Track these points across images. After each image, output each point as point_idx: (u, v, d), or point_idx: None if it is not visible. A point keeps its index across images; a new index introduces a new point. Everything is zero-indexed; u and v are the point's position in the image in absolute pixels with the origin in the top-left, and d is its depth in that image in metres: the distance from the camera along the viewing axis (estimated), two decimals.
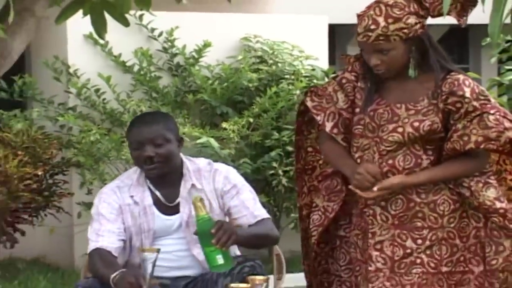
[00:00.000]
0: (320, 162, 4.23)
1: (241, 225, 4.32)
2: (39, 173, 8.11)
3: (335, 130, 4.01)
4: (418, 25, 3.86)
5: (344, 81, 4.05)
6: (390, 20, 3.81)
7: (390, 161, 3.89)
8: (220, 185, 4.36)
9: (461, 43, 15.32)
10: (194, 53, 9.11)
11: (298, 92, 8.67)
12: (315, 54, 9.42)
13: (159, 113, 4.92)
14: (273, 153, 8.60)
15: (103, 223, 4.25)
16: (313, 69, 9.25)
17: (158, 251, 3.96)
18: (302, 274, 4.37)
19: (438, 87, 3.88)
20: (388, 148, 3.89)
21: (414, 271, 3.89)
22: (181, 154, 4.39)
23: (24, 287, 8.04)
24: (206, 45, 9.08)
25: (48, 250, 9.09)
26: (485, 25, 3.47)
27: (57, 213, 8.39)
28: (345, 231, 4.15)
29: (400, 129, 3.88)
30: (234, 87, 8.91)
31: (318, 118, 4.03)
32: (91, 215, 4.36)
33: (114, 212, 4.29)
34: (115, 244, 4.20)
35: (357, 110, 4.00)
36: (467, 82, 3.86)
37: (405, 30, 3.83)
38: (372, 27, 3.82)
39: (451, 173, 3.90)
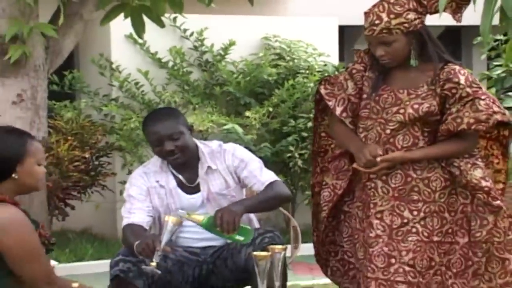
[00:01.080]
0: (332, 146, 4.23)
1: (256, 191, 4.34)
2: (86, 155, 8.14)
3: (344, 114, 4.03)
4: (417, 20, 3.87)
5: (354, 71, 4.07)
6: (392, 16, 3.83)
7: (392, 140, 3.90)
8: (230, 162, 4.36)
9: (455, 42, 15.22)
10: (221, 51, 9.10)
11: (312, 84, 8.65)
12: (327, 52, 9.38)
13: (167, 110, 4.84)
14: (290, 138, 8.58)
15: (134, 202, 4.27)
16: (325, 65, 9.23)
17: (179, 223, 3.95)
18: None
19: (436, 75, 3.88)
20: (392, 127, 3.90)
21: (410, 238, 3.89)
22: (195, 139, 4.39)
23: (74, 254, 8.09)
24: (231, 43, 9.07)
25: (94, 222, 9.13)
26: (476, 26, 3.49)
27: (102, 191, 8.42)
28: (349, 206, 4.17)
29: (402, 111, 3.89)
30: (255, 80, 8.91)
31: (330, 103, 4.05)
32: (124, 197, 4.39)
33: (142, 193, 4.30)
34: (145, 219, 4.21)
35: (364, 96, 4.01)
36: (462, 72, 3.87)
37: (406, 25, 3.85)
38: (377, 22, 3.84)
39: (444, 152, 3.91)
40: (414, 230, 3.90)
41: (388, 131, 3.91)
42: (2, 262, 3.34)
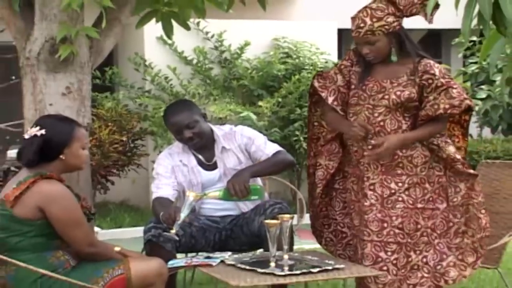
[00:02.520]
0: (324, 133, 4.27)
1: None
2: (124, 139, 8.19)
3: (335, 103, 4.08)
4: (396, 23, 3.92)
5: (342, 66, 4.12)
6: (374, 19, 3.87)
7: (382, 123, 3.94)
8: (239, 141, 4.37)
9: (436, 43, 15.19)
10: (237, 50, 9.11)
11: None
12: (328, 51, 9.38)
13: (182, 102, 4.75)
14: (296, 124, 8.60)
15: (161, 179, 4.28)
16: (326, 62, 9.22)
17: (198, 198, 3.96)
18: None
19: (415, 67, 3.93)
20: (379, 112, 3.93)
21: (397, 206, 3.94)
22: (210, 124, 4.39)
23: (114, 222, 8.14)
24: (246, 44, 9.08)
25: (130, 195, 9.18)
26: (454, 30, 3.49)
27: (137, 168, 8.47)
28: (339, 184, 4.21)
29: (386, 97, 3.93)
30: (267, 75, 8.91)
31: (323, 94, 4.10)
32: (153, 175, 4.39)
33: (168, 171, 4.31)
34: (170, 193, 4.22)
35: (353, 87, 4.06)
36: (436, 65, 3.95)
37: (386, 27, 3.89)
38: (362, 25, 3.89)
39: (428, 133, 3.96)
40: (400, 199, 3.95)
41: (376, 115, 3.94)
42: (51, 228, 3.36)
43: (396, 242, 3.92)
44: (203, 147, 4.34)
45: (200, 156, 4.36)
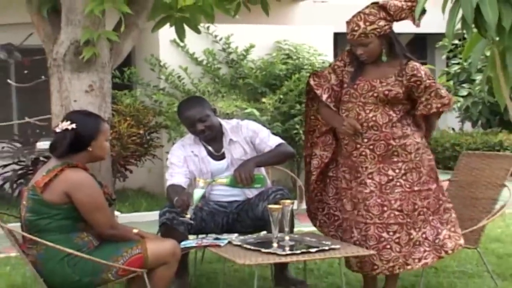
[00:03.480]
0: (319, 126, 4.27)
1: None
2: (141, 132, 8.14)
3: (329, 100, 4.08)
4: (387, 26, 3.92)
5: (336, 67, 4.12)
6: (367, 23, 3.88)
7: (374, 118, 3.94)
8: (245, 134, 4.36)
9: (422, 45, 15.17)
10: (243, 52, 9.05)
11: None
12: (325, 52, 9.31)
13: (195, 98, 4.71)
14: (296, 119, 8.55)
15: (174, 168, 4.27)
16: (323, 62, 9.15)
17: (207, 184, 3.95)
18: None
19: (402, 69, 3.93)
20: (370, 108, 3.94)
21: (396, 191, 3.94)
22: (218, 118, 4.38)
23: (132, 207, 8.11)
24: (251, 46, 9.02)
25: (147, 183, 9.16)
26: (439, 34, 3.48)
27: (153, 159, 8.43)
28: (332, 172, 4.22)
29: (375, 94, 3.94)
30: (270, 74, 8.86)
31: (318, 92, 4.10)
32: (167, 164, 4.38)
33: (181, 160, 4.31)
34: (183, 181, 4.21)
35: (345, 85, 4.06)
36: (421, 68, 3.96)
37: (378, 30, 3.89)
38: (356, 28, 3.89)
39: (431, 129, 4.11)
40: (398, 183, 3.95)
41: (368, 111, 3.94)
42: (76, 212, 3.37)
43: (397, 223, 3.93)
44: (213, 139, 4.33)
45: (209, 147, 4.36)
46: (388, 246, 3.92)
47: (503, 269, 4.78)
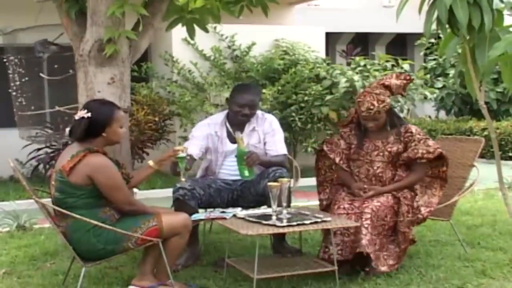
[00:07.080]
0: (332, 177, 4.32)
1: (268, 153, 4.31)
2: (156, 119, 8.13)
3: (341, 162, 4.20)
4: (389, 101, 4.07)
5: (343, 133, 4.24)
6: (379, 102, 4.02)
7: (380, 174, 4.08)
8: (265, 128, 4.34)
9: (403, 44, 15.12)
10: (246, 49, 9.02)
11: (307, 72, 8.59)
12: (317, 49, 9.31)
13: (254, 86, 4.58)
14: (292, 108, 8.53)
15: (193, 141, 4.26)
16: (316, 58, 9.16)
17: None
18: (310, 179, 4.39)
19: (399, 130, 4.10)
20: (377, 165, 4.08)
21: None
22: None
23: (148, 185, 7.96)
24: (253, 44, 9.00)
25: None
26: (417, 33, 3.46)
27: (167, 142, 8.43)
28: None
29: (381, 153, 4.08)
30: (269, 68, 8.83)
31: (331, 156, 4.21)
32: (189, 136, 4.37)
33: (202, 135, 4.29)
34: (196, 152, 4.19)
35: (353, 146, 4.17)
36: (413, 127, 4.13)
37: (386, 106, 4.05)
38: (371, 107, 4.01)
39: (408, 183, 4.07)
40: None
41: (375, 168, 4.09)
42: (98, 191, 3.36)
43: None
44: (241, 124, 4.30)
45: (231, 130, 4.32)
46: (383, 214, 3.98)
47: (472, 238, 4.79)
